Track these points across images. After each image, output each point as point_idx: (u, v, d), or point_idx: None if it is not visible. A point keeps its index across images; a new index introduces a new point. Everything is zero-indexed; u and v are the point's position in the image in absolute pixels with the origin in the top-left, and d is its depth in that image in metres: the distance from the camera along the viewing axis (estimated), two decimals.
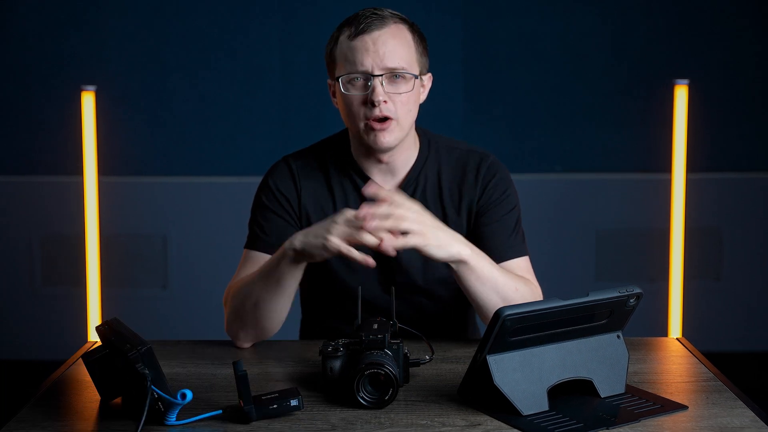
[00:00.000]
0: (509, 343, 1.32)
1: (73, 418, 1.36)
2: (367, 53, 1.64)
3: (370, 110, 1.64)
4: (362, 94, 1.65)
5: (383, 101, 1.63)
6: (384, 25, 1.65)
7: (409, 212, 1.52)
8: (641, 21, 3.64)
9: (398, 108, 1.65)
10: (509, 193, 1.78)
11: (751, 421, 1.31)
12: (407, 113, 1.67)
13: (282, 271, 1.58)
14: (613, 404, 1.37)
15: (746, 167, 3.69)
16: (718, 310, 3.68)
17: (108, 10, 3.58)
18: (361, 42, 1.64)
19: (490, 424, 1.30)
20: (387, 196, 1.53)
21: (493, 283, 1.60)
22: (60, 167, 3.60)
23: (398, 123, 1.66)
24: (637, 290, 1.38)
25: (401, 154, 1.74)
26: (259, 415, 1.32)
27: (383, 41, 1.64)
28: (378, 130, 1.65)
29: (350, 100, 1.66)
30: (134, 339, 1.29)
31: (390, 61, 1.64)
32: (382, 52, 1.64)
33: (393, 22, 1.67)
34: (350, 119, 1.69)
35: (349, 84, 1.66)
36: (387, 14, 1.67)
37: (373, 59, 1.64)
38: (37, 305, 3.66)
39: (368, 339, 1.40)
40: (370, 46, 1.64)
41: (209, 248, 3.61)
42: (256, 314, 1.64)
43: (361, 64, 1.64)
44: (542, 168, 3.68)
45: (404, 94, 1.65)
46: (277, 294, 1.61)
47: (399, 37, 1.66)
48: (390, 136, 1.66)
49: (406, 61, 1.66)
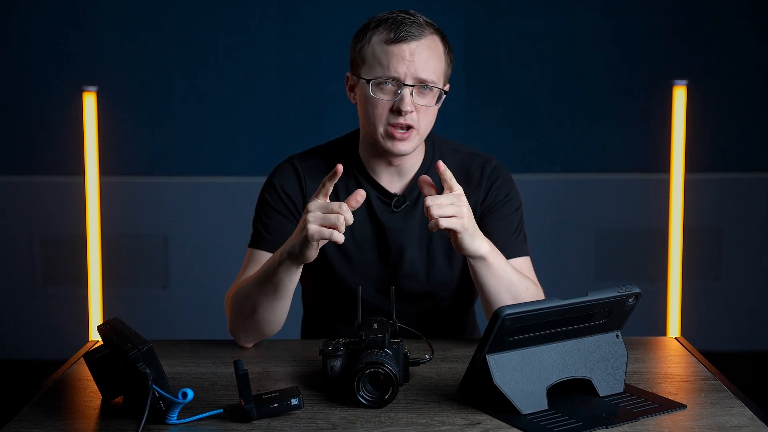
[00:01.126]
0: (509, 343, 1.33)
1: (74, 417, 1.36)
2: (403, 61, 1.63)
3: (395, 117, 1.65)
4: (390, 100, 1.65)
5: (410, 111, 1.64)
6: (422, 36, 1.65)
7: (447, 198, 1.53)
8: (641, 22, 3.65)
9: (421, 119, 1.66)
10: (512, 195, 1.79)
11: (750, 420, 1.32)
12: (428, 124, 1.69)
13: (279, 277, 1.58)
14: (612, 403, 1.38)
15: (745, 167, 3.69)
16: (716, 310, 3.68)
17: (109, 11, 3.58)
18: (398, 49, 1.64)
19: (489, 423, 1.31)
20: (452, 183, 1.54)
21: (507, 281, 1.62)
22: (61, 167, 3.60)
23: (418, 132, 1.67)
24: (636, 290, 1.39)
25: (410, 158, 1.75)
26: (259, 414, 1.32)
27: (420, 52, 1.64)
28: (398, 138, 1.66)
29: (375, 103, 1.66)
30: (135, 338, 1.29)
31: (423, 73, 1.64)
32: (418, 62, 1.64)
33: (429, 33, 1.66)
34: (370, 120, 1.68)
35: (377, 87, 1.65)
36: (422, 21, 1.67)
37: (408, 68, 1.63)
38: (39, 305, 3.66)
39: (368, 338, 1.41)
40: (407, 55, 1.64)
41: (210, 248, 3.62)
42: (254, 318, 1.64)
43: (395, 71, 1.63)
44: (542, 168, 3.69)
45: (430, 107, 1.67)
46: (275, 299, 1.61)
47: (434, 49, 1.66)
48: (409, 144, 1.67)
49: (436, 74, 1.66)
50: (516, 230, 1.77)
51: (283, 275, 1.58)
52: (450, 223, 1.52)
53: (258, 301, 1.62)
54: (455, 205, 1.53)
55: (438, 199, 1.53)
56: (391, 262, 1.76)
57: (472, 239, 1.56)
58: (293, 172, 1.78)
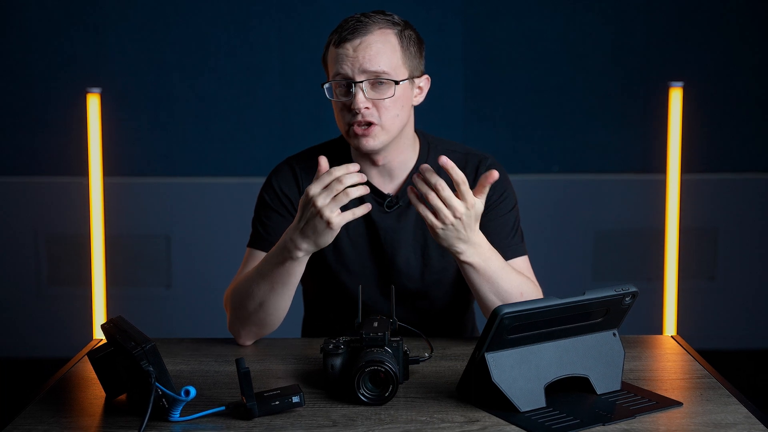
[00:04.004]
0: (507, 341, 1.33)
1: (78, 415, 1.37)
2: (347, 59, 1.64)
3: (352, 116, 1.66)
4: (346, 100, 1.66)
5: (365, 107, 1.64)
6: (367, 32, 1.65)
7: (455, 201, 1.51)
8: (638, 24, 3.65)
9: (382, 113, 1.66)
10: (507, 194, 1.79)
11: (745, 418, 1.33)
12: (393, 118, 1.67)
13: (287, 270, 1.59)
14: (609, 401, 1.38)
15: (740, 168, 3.70)
16: (712, 309, 3.69)
17: (112, 16, 3.59)
18: (342, 49, 1.65)
19: (488, 421, 1.32)
20: (461, 179, 1.51)
21: (495, 286, 1.61)
22: (65, 168, 3.62)
23: (382, 128, 1.66)
24: (633, 289, 1.39)
25: (396, 157, 1.74)
26: (261, 412, 1.33)
27: (364, 47, 1.64)
28: (361, 135, 1.66)
29: (334, 105, 1.69)
30: (139, 337, 1.30)
31: (371, 66, 1.64)
32: (362, 57, 1.64)
33: (378, 27, 1.66)
34: (338, 124, 1.71)
35: (333, 90, 1.68)
36: (373, 20, 1.67)
37: (353, 64, 1.64)
38: (43, 304, 3.68)
39: (369, 337, 1.41)
40: (350, 52, 1.64)
41: (211, 247, 3.63)
42: (260, 313, 1.65)
43: (341, 69, 1.65)
44: (540, 168, 3.70)
45: (388, 100, 1.65)
46: (282, 292, 1.62)
47: (382, 42, 1.65)
48: (374, 140, 1.67)
49: (389, 66, 1.65)
50: (512, 230, 1.77)
51: (292, 269, 1.59)
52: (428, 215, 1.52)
53: (265, 296, 1.62)
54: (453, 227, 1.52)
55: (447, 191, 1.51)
56: (386, 261, 1.76)
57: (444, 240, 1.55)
58: (291, 173, 1.80)
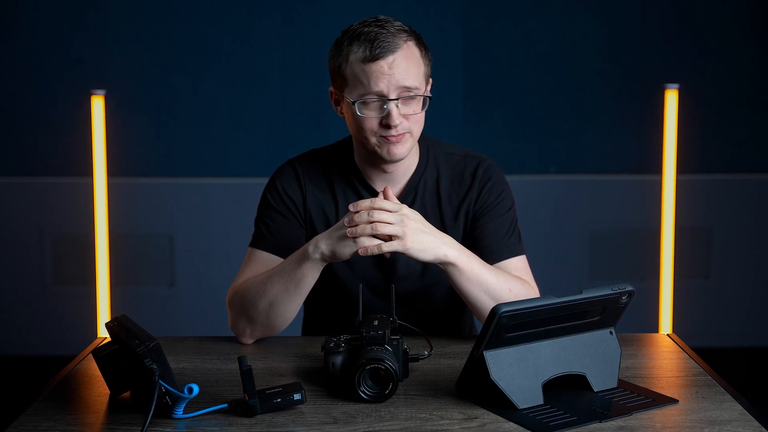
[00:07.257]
0: (505, 339, 1.34)
1: (83, 412, 1.38)
2: (383, 77, 1.63)
3: (385, 131, 1.65)
4: (378, 116, 1.65)
5: (399, 124, 1.65)
6: (397, 47, 1.64)
7: (390, 217, 1.54)
8: (634, 27, 3.66)
9: (412, 124, 1.68)
10: (505, 195, 1.80)
11: (740, 415, 1.33)
12: (419, 127, 1.70)
13: (304, 274, 1.61)
14: (605, 398, 1.39)
15: (735, 168, 3.71)
16: (707, 308, 3.70)
17: (115, 19, 3.60)
18: (376, 66, 1.63)
19: (486, 418, 1.32)
20: (373, 202, 1.55)
21: (483, 283, 1.62)
22: (70, 169, 3.63)
23: (411, 135, 1.69)
24: (629, 288, 1.40)
25: (403, 163, 1.76)
26: (263, 409, 1.34)
27: (398, 64, 1.63)
28: (393, 142, 1.67)
29: (364, 121, 1.66)
30: (142, 335, 1.30)
31: (405, 81, 1.64)
32: (398, 74, 1.63)
33: (403, 41, 1.65)
34: (361, 135, 1.68)
35: (363, 106, 1.65)
36: (395, 30, 1.65)
37: (389, 82, 1.63)
38: (48, 303, 3.69)
39: (369, 335, 1.42)
40: (386, 70, 1.63)
41: (214, 247, 3.64)
42: (270, 313, 1.66)
43: (377, 87, 1.63)
44: (537, 169, 3.71)
45: (418, 114, 1.68)
46: (295, 294, 1.64)
47: (411, 57, 1.66)
48: (404, 147, 1.68)
49: (418, 79, 1.66)
50: (510, 230, 1.78)
51: (309, 273, 1.61)
52: (391, 245, 1.54)
53: (278, 297, 1.64)
54: (396, 225, 1.55)
55: (382, 215, 1.54)
56: (386, 264, 1.77)
57: (424, 252, 1.56)
58: (294, 174, 1.81)
